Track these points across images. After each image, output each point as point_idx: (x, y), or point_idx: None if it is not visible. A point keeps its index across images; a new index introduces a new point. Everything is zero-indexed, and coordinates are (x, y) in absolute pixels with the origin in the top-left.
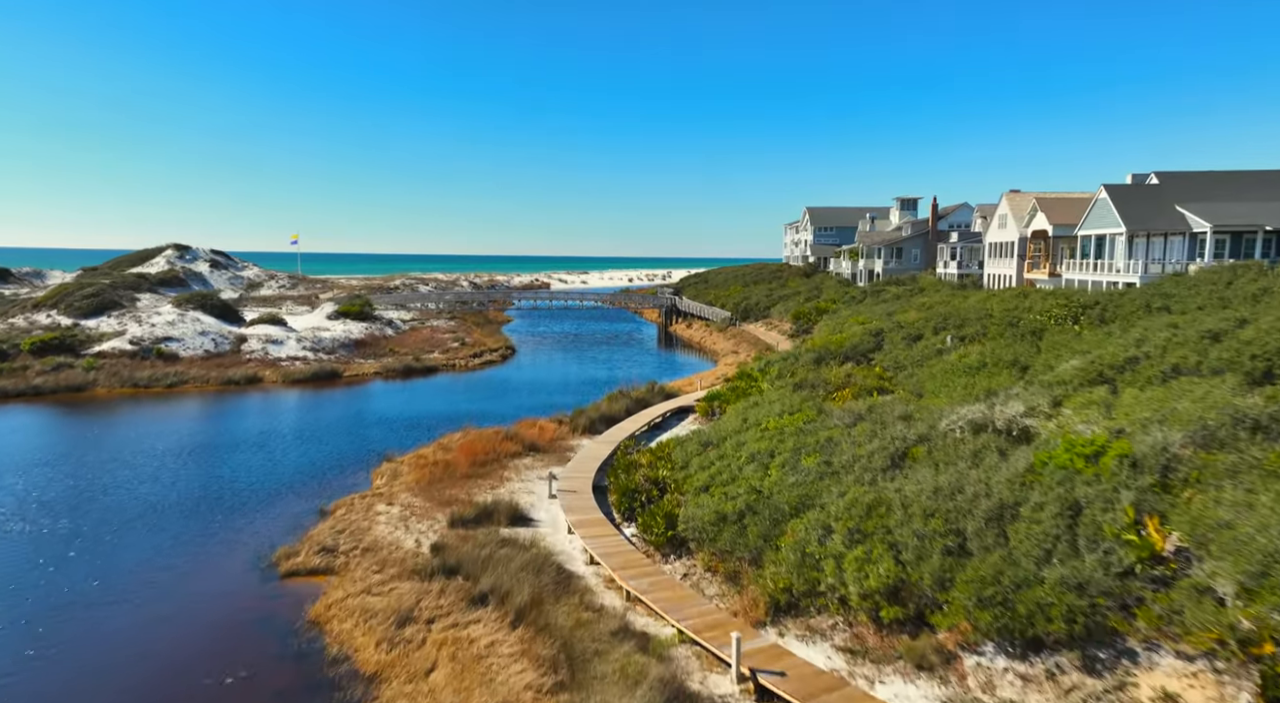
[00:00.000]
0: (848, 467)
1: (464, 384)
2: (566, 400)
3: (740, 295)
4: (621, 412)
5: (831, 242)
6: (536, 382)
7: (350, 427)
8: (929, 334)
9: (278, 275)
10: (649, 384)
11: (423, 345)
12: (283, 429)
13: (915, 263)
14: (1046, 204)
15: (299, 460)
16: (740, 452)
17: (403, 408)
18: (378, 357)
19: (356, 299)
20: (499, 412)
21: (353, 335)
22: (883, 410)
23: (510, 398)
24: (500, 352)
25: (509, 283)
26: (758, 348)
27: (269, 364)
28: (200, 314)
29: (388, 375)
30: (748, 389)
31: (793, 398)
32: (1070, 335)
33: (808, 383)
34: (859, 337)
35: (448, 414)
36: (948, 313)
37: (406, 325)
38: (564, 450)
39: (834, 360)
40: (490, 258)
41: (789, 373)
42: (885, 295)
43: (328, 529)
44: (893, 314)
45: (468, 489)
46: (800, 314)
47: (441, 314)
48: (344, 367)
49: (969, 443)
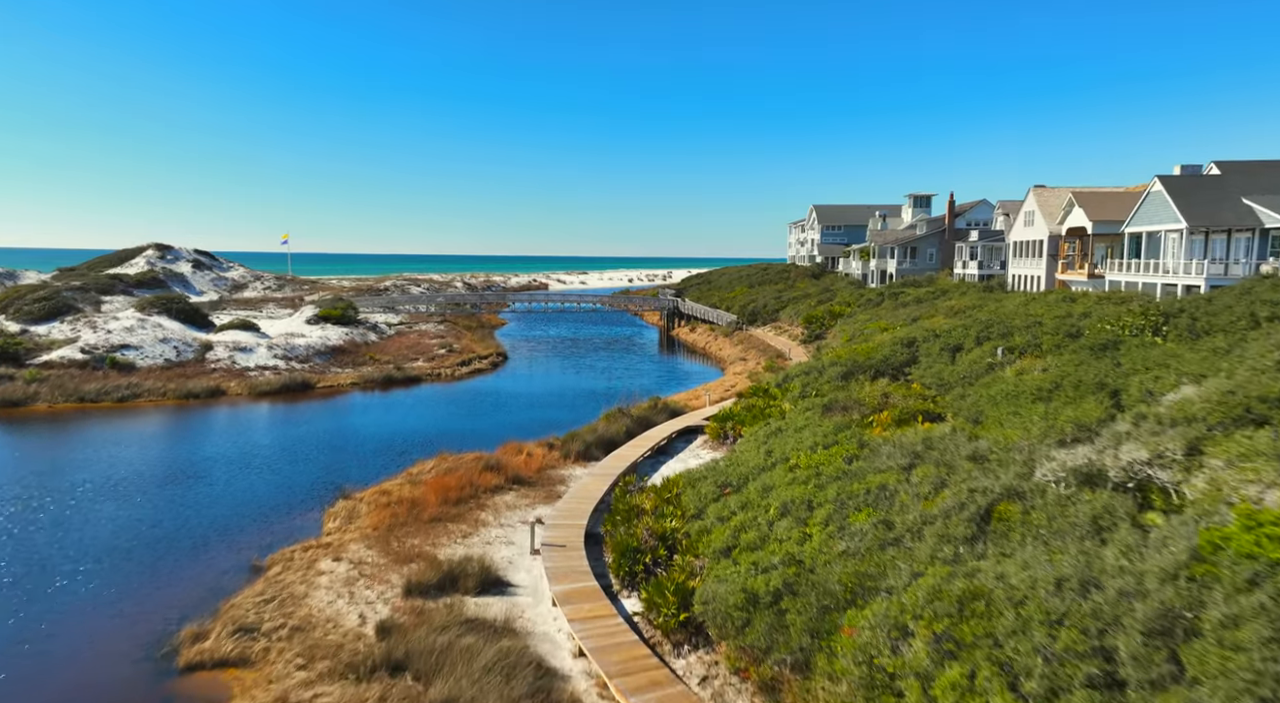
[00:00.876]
0: (915, 530)
1: (448, 397)
2: (560, 417)
3: (746, 297)
4: (621, 434)
5: (839, 241)
6: (528, 394)
7: (312, 450)
8: (970, 344)
9: (264, 276)
10: (651, 400)
11: (407, 352)
12: (233, 453)
13: (931, 263)
14: (1085, 199)
15: (242, 495)
16: (768, 499)
17: (376, 426)
18: (356, 365)
19: (338, 303)
20: (483, 431)
21: (330, 342)
22: (944, 447)
23: (497, 414)
24: (490, 359)
25: (506, 283)
26: (767, 355)
27: (235, 375)
28: (164, 319)
29: (366, 386)
30: (765, 409)
31: (823, 424)
32: (1159, 351)
33: (838, 404)
34: (889, 347)
35: (425, 434)
36: (988, 320)
37: (393, 330)
38: (553, 483)
39: (863, 375)
40: (488, 258)
41: (813, 391)
42: (905, 298)
43: (254, 598)
44: (918, 320)
45: (434, 538)
46: (813, 318)
47: (432, 317)
48: (318, 377)
49: (1081, 504)
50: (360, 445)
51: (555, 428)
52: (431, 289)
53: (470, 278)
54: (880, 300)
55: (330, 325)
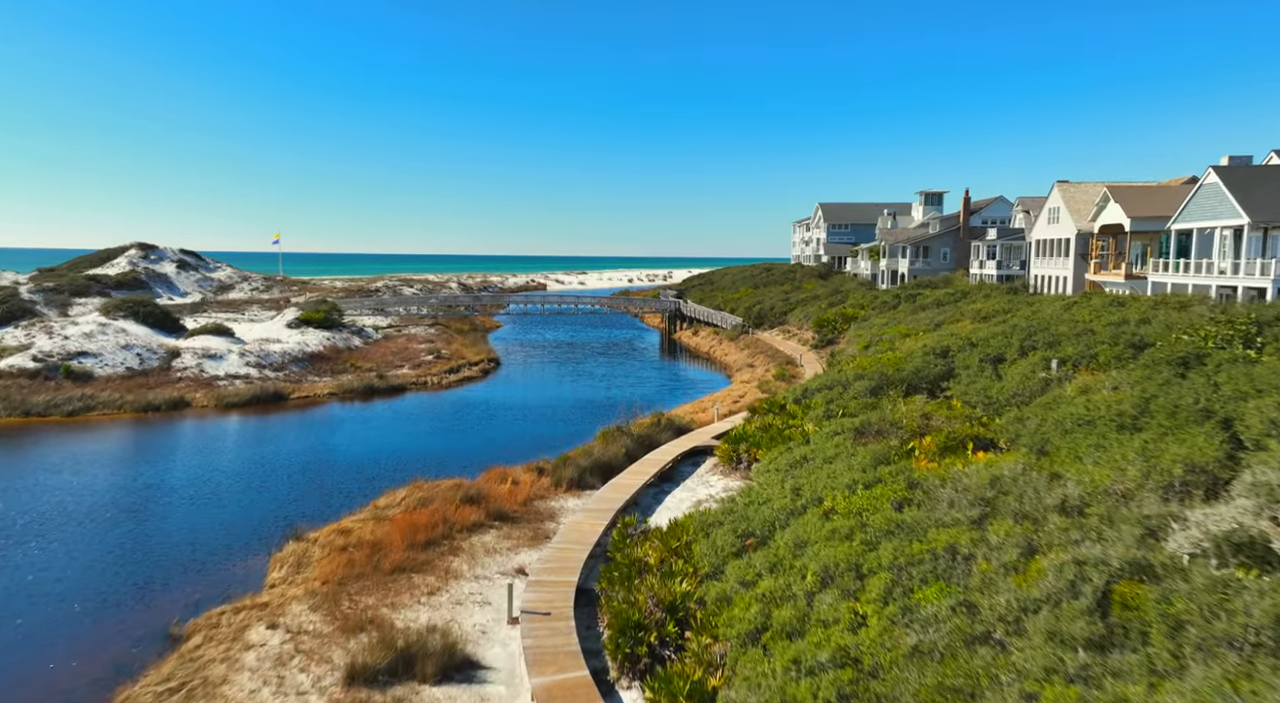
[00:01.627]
0: (1011, 621)
1: (432, 409)
2: (553, 433)
3: (752, 299)
4: (620, 457)
5: (846, 240)
6: (519, 406)
7: (272, 475)
8: (1013, 354)
9: (252, 277)
10: (654, 416)
11: (393, 359)
12: (181, 479)
13: (945, 263)
14: (1122, 194)
15: (179, 535)
16: (803, 559)
17: (349, 444)
18: (336, 373)
19: (322, 305)
20: (466, 450)
21: (309, 348)
22: (1019, 491)
23: (484, 429)
24: (481, 366)
25: (503, 284)
26: (776, 361)
27: (202, 384)
28: (129, 324)
29: (344, 397)
30: (784, 429)
31: (858, 454)
32: (1263, 369)
33: (871, 428)
34: (921, 357)
35: (402, 454)
36: (1027, 326)
37: (380, 334)
38: (541, 519)
39: (893, 390)
40: (486, 258)
41: (839, 409)
42: (923, 300)
43: (157, 685)
44: (942, 325)
45: (394, 595)
46: (824, 322)
47: (423, 320)
48: (293, 386)
49: (1249, 594)
50: (328, 469)
51: (547, 447)
52: (425, 290)
53: (467, 278)
54: (896, 303)
55: (312, 329)
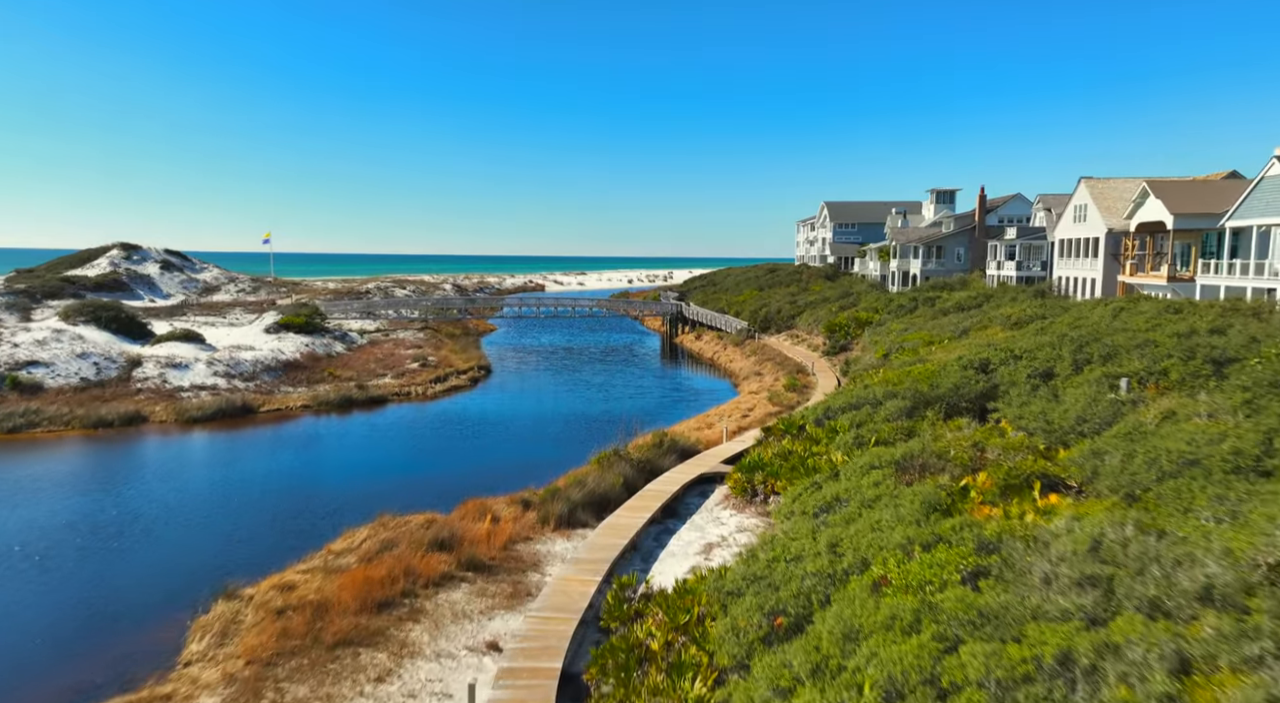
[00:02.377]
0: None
1: (414, 423)
2: (544, 453)
3: (757, 302)
4: (617, 487)
5: (853, 240)
6: (509, 420)
7: (217, 507)
8: (1064, 369)
9: (239, 278)
10: (656, 436)
11: (376, 366)
12: (109, 513)
13: (960, 264)
14: (1163, 189)
15: (84, 591)
16: (855, 659)
17: (314, 467)
18: (313, 383)
19: (303, 308)
20: (445, 474)
21: (284, 356)
22: (1136, 565)
23: (467, 449)
24: (470, 374)
25: (500, 285)
26: (785, 369)
27: (164, 396)
28: (89, 330)
29: (319, 409)
30: (807, 457)
31: (904, 497)
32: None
33: (914, 460)
34: (957, 371)
35: (373, 478)
36: (1077, 336)
37: (365, 339)
38: (523, 569)
39: (930, 410)
40: (484, 258)
41: (872, 435)
42: (943, 304)
43: None
44: (968, 332)
45: (332, 684)
46: (835, 326)
47: (414, 324)
48: (263, 398)
49: None
50: (285, 498)
51: (536, 471)
52: (418, 292)
53: (463, 279)
54: (913, 306)
55: (292, 334)
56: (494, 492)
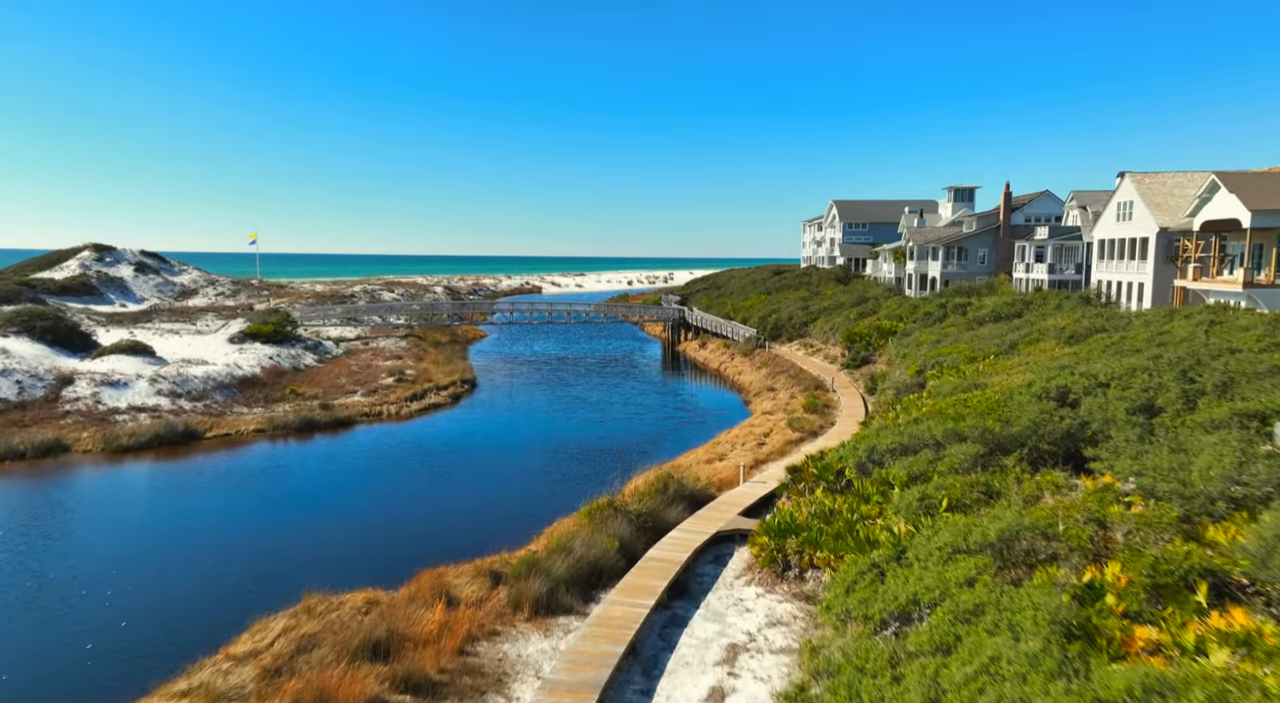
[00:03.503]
0: None
1: (379, 452)
2: (525, 493)
3: (766, 307)
4: (611, 555)
5: (864, 240)
6: (489, 447)
7: (98, 581)
8: (1173, 401)
9: (219, 281)
10: (658, 474)
11: (346, 381)
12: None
13: (983, 266)
14: (1237, 182)
15: None
16: None
17: (245, 513)
18: (272, 402)
19: (272, 316)
20: (402, 526)
21: (241, 370)
22: None
23: (434, 489)
24: (452, 389)
25: (496, 286)
26: (801, 384)
27: (95, 419)
28: (19, 341)
29: (275, 434)
30: (854, 520)
31: (1024, 616)
32: None
33: (1016, 542)
34: (1032, 404)
35: (313, 531)
36: (1177, 359)
37: (342, 348)
38: (480, 691)
39: (1007, 456)
40: (482, 259)
41: (941, 494)
42: (977, 311)
43: None
44: (1016, 346)
45: None
46: (855, 336)
47: (398, 331)
48: (211, 421)
49: None
50: (191, 563)
51: (515, 519)
52: (407, 295)
53: (458, 281)
54: (942, 314)
55: (258, 345)
56: (458, 553)
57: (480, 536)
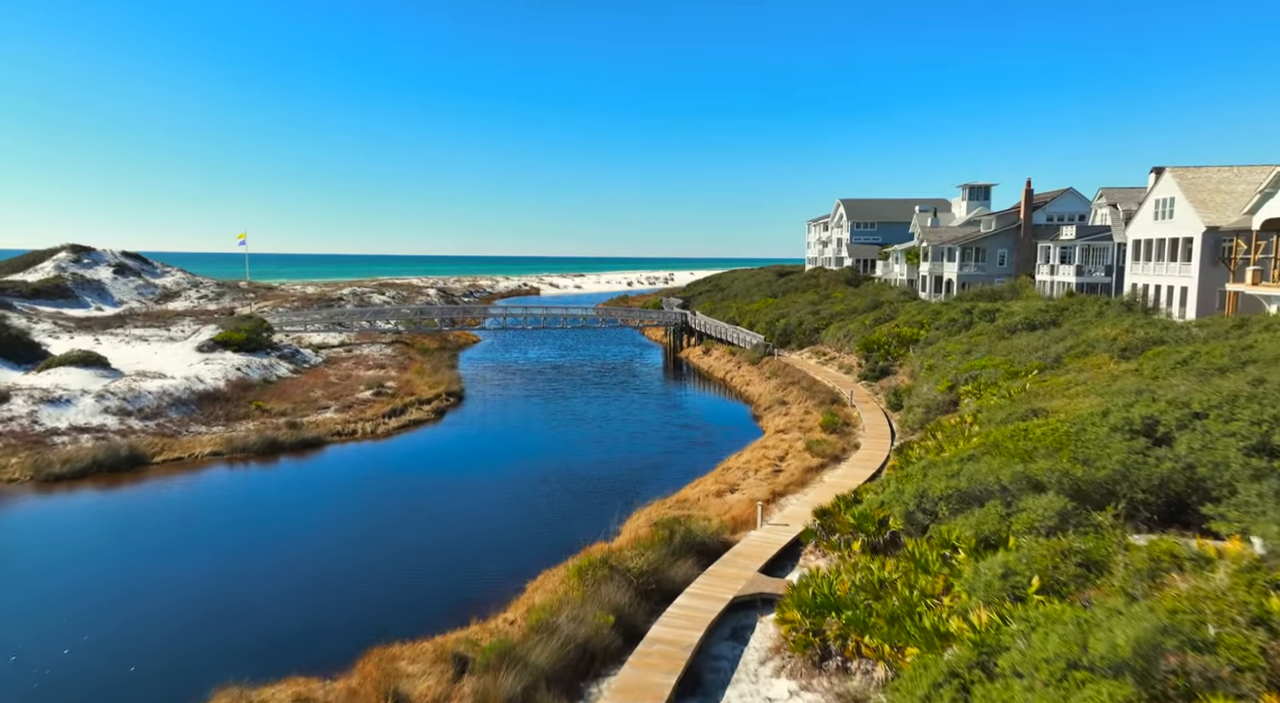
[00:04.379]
0: None
1: (347, 476)
2: (506, 534)
3: (774, 311)
4: (605, 631)
5: (873, 241)
6: (470, 472)
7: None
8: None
9: (203, 283)
10: (661, 515)
11: (320, 395)
12: None
13: (1003, 267)
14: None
15: None
16: None
17: (166, 570)
18: (234, 420)
19: (245, 323)
20: (357, 580)
21: (202, 384)
22: None
23: (402, 525)
24: (436, 403)
25: (493, 288)
26: (816, 398)
27: (30, 443)
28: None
29: (234, 457)
30: (917, 603)
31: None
32: None
33: (1155, 654)
34: (1116, 442)
35: (248, 586)
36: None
37: (321, 357)
38: None
39: (1097, 509)
40: (480, 259)
41: (1026, 568)
42: (1009, 318)
43: None
44: (1060, 360)
45: None
46: (873, 344)
47: (384, 337)
48: (163, 443)
49: None
50: (55, 647)
51: (491, 571)
52: (398, 298)
53: (454, 282)
54: (968, 321)
55: (229, 354)
56: (422, 616)
57: (451, 591)
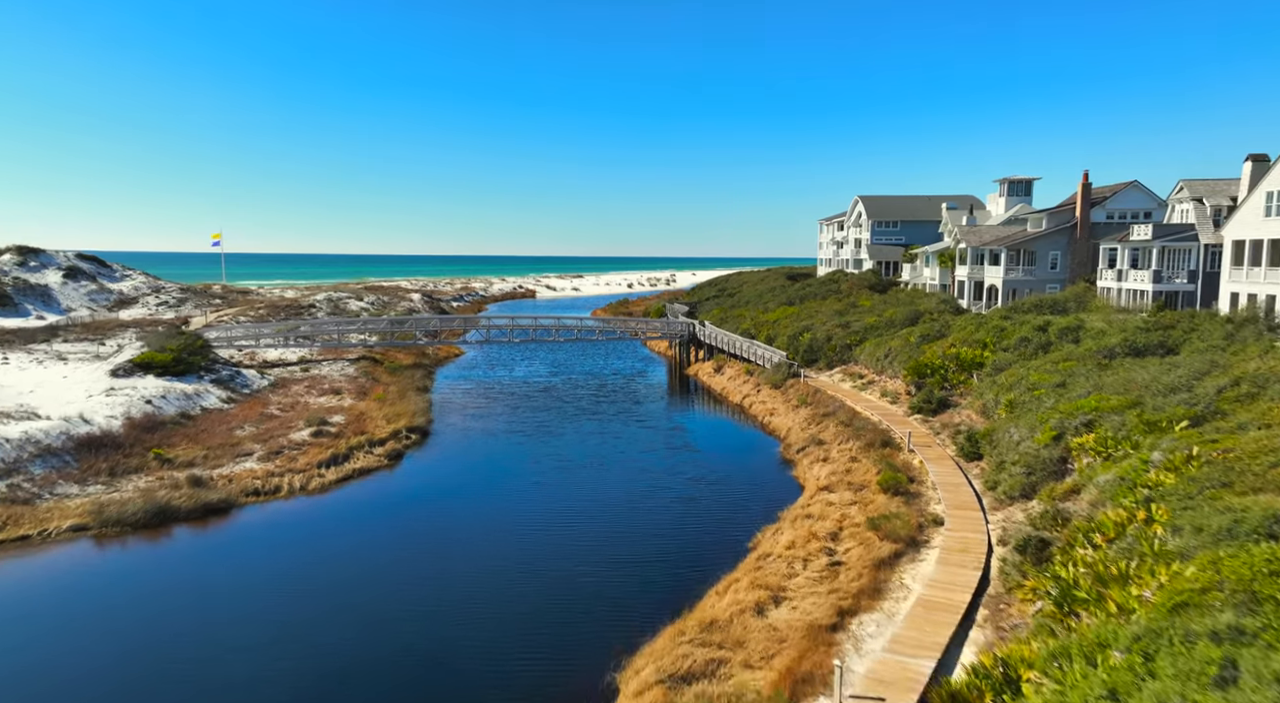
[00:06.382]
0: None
1: (250, 565)
2: (447, 681)
3: (795, 323)
4: None
5: (896, 241)
6: (411, 566)
7: None
8: None
9: (166, 287)
10: (680, 670)
11: (251, 433)
12: None
13: (1055, 272)
14: None
15: None
16: None
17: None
18: (124, 473)
19: (173, 341)
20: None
21: (89, 425)
22: None
23: (308, 660)
24: (393, 443)
25: (486, 290)
26: (860, 436)
27: None
28: None
29: (109, 532)
30: None
31: None
32: None
33: None
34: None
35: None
36: None
37: (268, 378)
38: None
39: None
40: (479, 259)
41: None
42: (1095, 339)
43: None
44: (1214, 406)
45: None
46: (925, 369)
47: (350, 352)
48: (7, 514)
49: None
50: None
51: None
52: (378, 304)
53: (445, 284)
54: (1043, 340)
55: (153, 378)
56: None
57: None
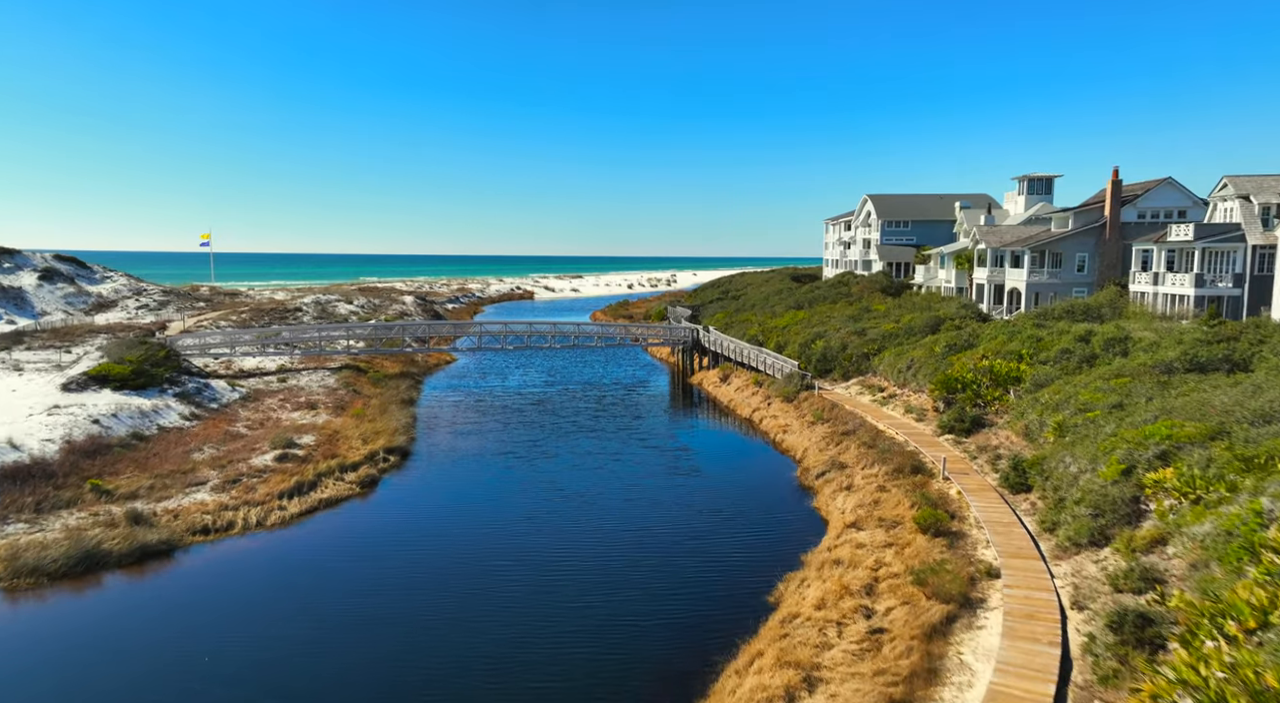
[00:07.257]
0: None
1: (183, 618)
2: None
3: (806, 329)
4: None
5: (906, 242)
6: (386, 600)
7: None
8: None
9: (148, 289)
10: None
11: (208, 457)
12: None
13: (1082, 275)
14: None
15: None
16: None
17: None
18: (52, 508)
19: (133, 351)
20: None
21: (17, 451)
22: None
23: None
24: (368, 467)
25: (483, 291)
26: (884, 459)
27: None
28: None
29: (22, 582)
30: None
31: None
32: None
33: None
34: None
35: None
36: None
37: (239, 391)
38: None
39: None
40: (479, 259)
41: None
42: (1150, 353)
43: None
44: None
45: None
46: (956, 383)
47: (333, 361)
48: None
49: None
50: None
51: None
52: (368, 307)
53: (442, 285)
54: (1086, 352)
55: (110, 392)
56: None
57: None
